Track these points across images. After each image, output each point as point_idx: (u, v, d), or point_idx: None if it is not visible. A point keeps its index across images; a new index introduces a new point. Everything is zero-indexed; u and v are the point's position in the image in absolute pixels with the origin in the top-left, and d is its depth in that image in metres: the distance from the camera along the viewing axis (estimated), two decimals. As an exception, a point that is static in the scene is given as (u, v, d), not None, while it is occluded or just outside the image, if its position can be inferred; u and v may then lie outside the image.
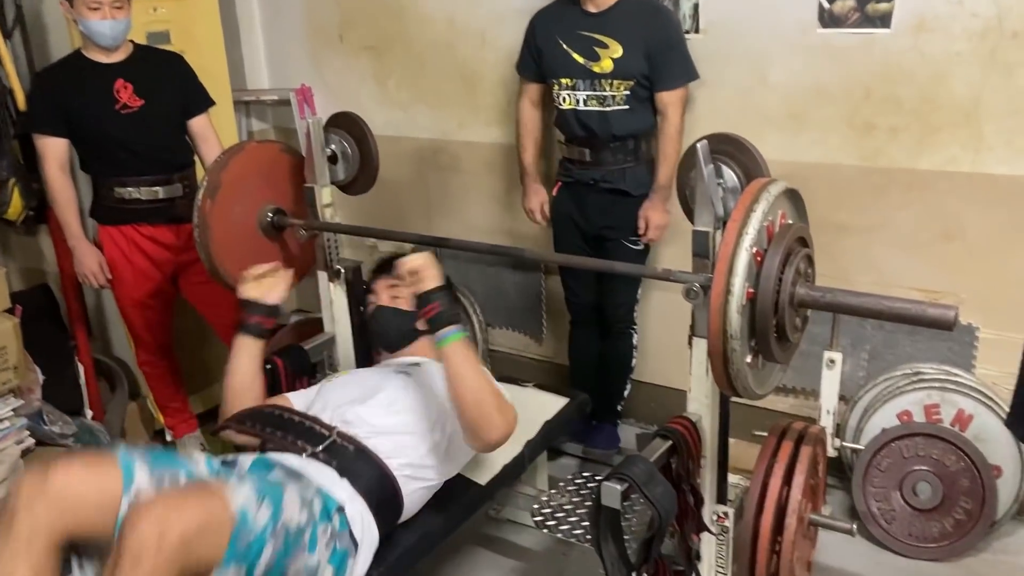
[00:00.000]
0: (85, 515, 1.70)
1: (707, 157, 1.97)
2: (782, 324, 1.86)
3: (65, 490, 1.68)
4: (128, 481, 1.74)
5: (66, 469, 1.70)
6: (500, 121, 3.40)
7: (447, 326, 2.02)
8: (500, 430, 2.01)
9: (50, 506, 1.66)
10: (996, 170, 2.54)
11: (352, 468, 1.98)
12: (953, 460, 2.57)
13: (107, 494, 1.71)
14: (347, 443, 2.03)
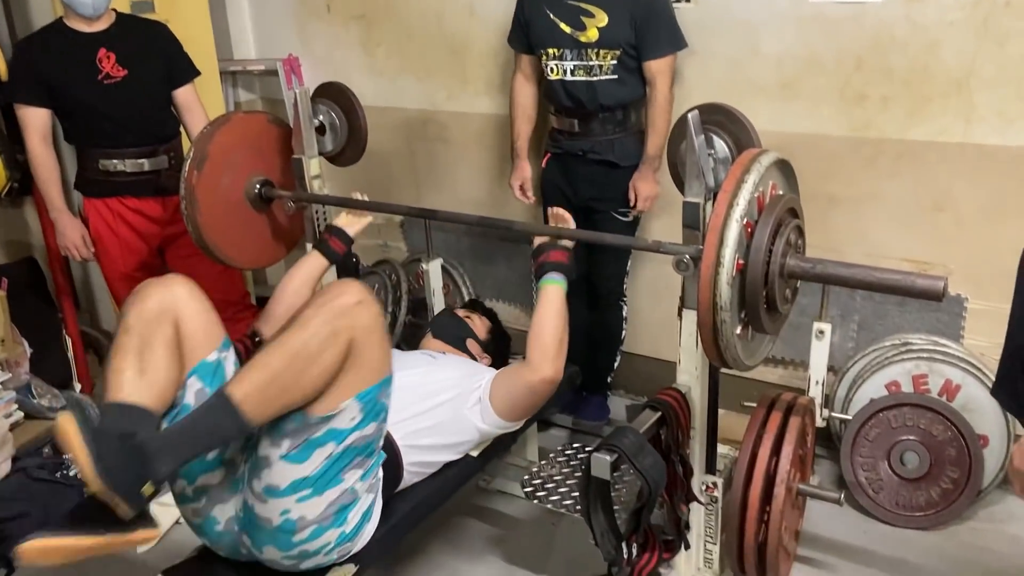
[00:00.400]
0: (193, 329, 1.83)
1: (698, 128, 1.96)
2: (772, 295, 1.86)
3: (189, 298, 1.86)
4: (226, 347, 1.90)
5: (193, 286, 1.89)
6: (489, 92, 3.38)
7: (559, 272, 2.21)
8: (556, 369, 2.15)
9: (173, 296, 1.83)
10: (987, 140, 2.53)
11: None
12: (940, 430, 2.59)
13: (212, 334, 1.87)
14: None
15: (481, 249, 3.60)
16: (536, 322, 2.18)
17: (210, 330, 1.88)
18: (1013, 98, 2.47)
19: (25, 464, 2.82)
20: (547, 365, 2.14)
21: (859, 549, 2.53)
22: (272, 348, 1.66)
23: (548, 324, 2.16)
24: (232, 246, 2.66)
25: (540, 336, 2.15)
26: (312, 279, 2.52)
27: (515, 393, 2.19)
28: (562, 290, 2.19)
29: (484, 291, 3.64)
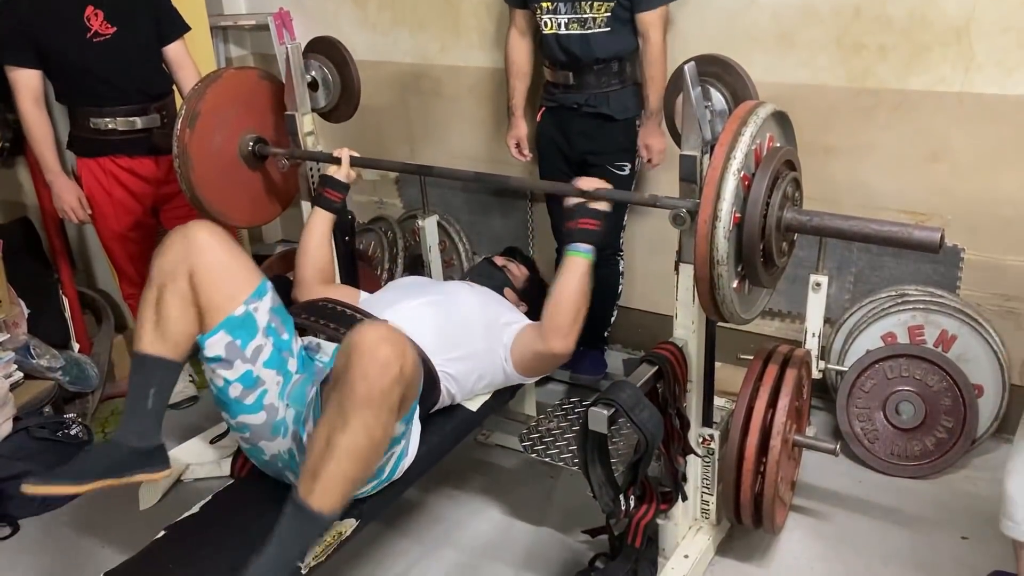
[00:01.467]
0: (210, 280, 1.88)
1: (694, 79, 1.94)
2: (769, 249, 1.86)
3: (205, 248, 1.88)
4: (258, 295, 1.92)
5: (212, 236, 1.91)
6: (483, 45, 3.34)
7: (588, 244, 2.13)
8: (567, 344, 2.15)
9: (188, 248, 1.88)
10: (985, 90, 2.51)
11: None
12: (936, 380, 2.61)
13: (236, 283, 1.90)
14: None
15: (477, 204, 3.59)
16: (555, 294, 2.14)
17: (236, 277, 1.92)
18: (1013, 47, 2.44)
19: (27, 423, 2.84)
20: (558, 340, 2.14)
21: (854, 498, 2.57)
22: (342, 454, 1.64)
23: (566, 300, 2.12)
24: (227, 204, 2.65)
25: (556, 310, 2.14)
26: (324, 235, 2.52)
27: (527, 355, 2.24)
28: (587, 263, 2.13)
29: (481, 246, 3.63)
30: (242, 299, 1.90)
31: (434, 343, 2.15)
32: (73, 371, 3.11)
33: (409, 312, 2.22)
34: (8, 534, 2.64)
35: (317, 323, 2.20)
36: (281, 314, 2.01)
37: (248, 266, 1.97)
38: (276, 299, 1.99)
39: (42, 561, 2.47)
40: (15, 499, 2.70)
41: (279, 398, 1.95)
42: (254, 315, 1.92)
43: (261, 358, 1.92)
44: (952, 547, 2.36)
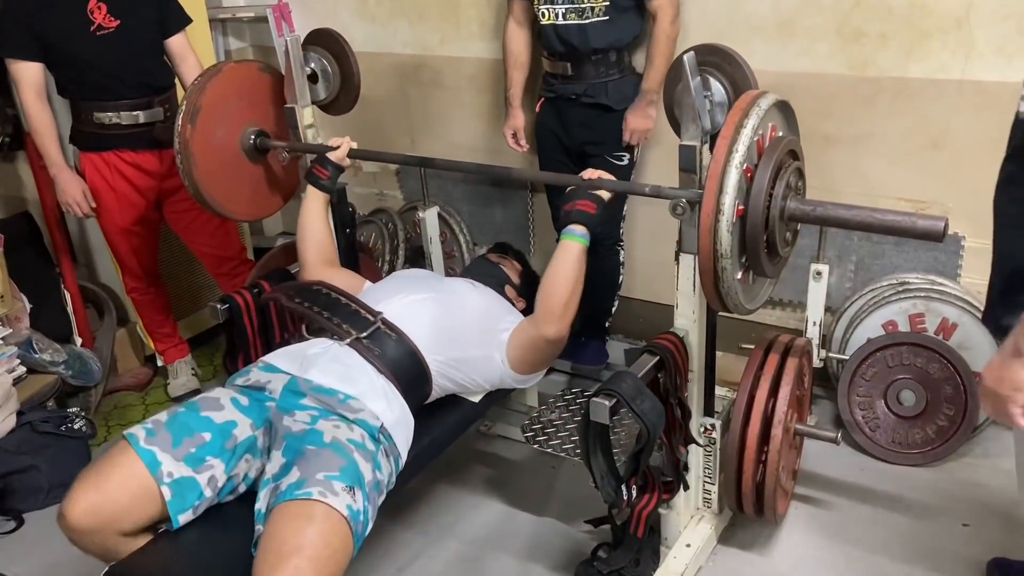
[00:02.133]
0: (129, 516, 1.77)
1: (694, 69, 1.94)
2: (772, 239, 1.86)
3: (92, 516, 1.73)
4: (154, 467, 1.78)
5: (79, 498, 1.74)
6: (483, 35, 3.33)
7: (583, 227, 2.12)
8: (559, 330, 2.13)
9: (92, 534, 1.75)
10: (986, 77, 2.51)
11: (390, 355, 2.08)
12: (937, 368, 2.61)
13: (139, 492, 1.77)
14: (389, 330, 2.12)
15: (478, 195, 3.59)
16: (547, 278, 2.14)
17: (141, 511, 1.80)
18: (1013, 34, 2.44)
19: (30, 418, 2.85)
20: (550, 325, 2.13)
21: (856, 486, 2.57)
22: None
23: (558, 284, 2.11)
24: (230, 199, 2.65)
25: (548, 295, 2.12)
26: (319, 215, 2.52)
27: (522, 346, 2.22)
28: (581, 246, 2.11)
29: (481, 238, 3.63)
30: (152, 485, 1.79)
31: (428, 340, 2.14)
32: (76, 365, 3.12)
33: (406, 308, 2.21)
34: (13, 528, 2.66)
35: (311, 310, 2.19)
36: (184, 427, 1.87)
37: (133, 492, 1.78)
38: (164, 440, 1.83)
39: (47, 555, 2.48)
40: (20, 493, 2.71)
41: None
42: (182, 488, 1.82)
43: (219, 480, 1.87)
44: (953, 534, 2.36)
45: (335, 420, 1.90)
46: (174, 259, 3.51)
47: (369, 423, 1.92)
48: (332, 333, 2.13)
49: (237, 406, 1.95)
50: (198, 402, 1.95)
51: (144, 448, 1.79)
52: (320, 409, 1.93)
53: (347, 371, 2.02)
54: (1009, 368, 1.34)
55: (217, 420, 1.89)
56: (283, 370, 2.03)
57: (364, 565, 2.39)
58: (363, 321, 2.13)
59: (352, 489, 1.73)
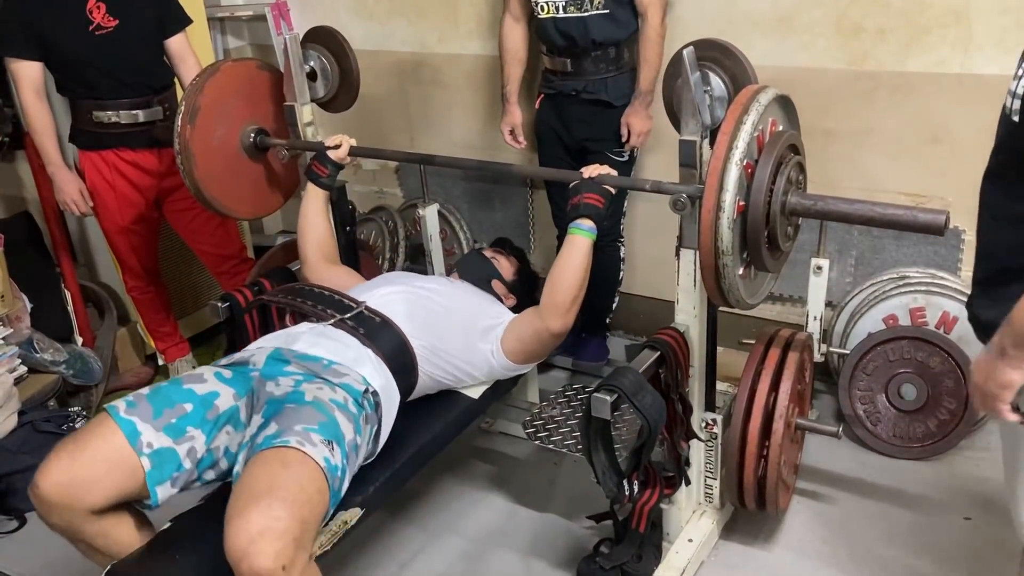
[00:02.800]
0: (103, 489, 1.72)
1: (693, 64, 1.94)
2: (774, 234, 1.86)
3: (63, 486, 1.69)
4: (133, 437, 1.75)
5: (53, 465, 1.71)
6: (481, 33, 3.33)
7: (590, 222, 2.14)
8: (560, 324, 2.16)
9: (61, 508, 1.70)
10: (985, 71, 2.50)
11: (375, 334, 2.09)
12: (938, 362, 2.61)
13: (117, 462, 1.73)
14: (373, 315, 2.14)
15: (478, 193, 3.59)
16: (556, 272, 2.16)
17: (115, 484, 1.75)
18: (1012, 27, 2.43)
19: (31, 417, 2.85)
20: (557, 319, 2.15)
21: (857, 480, 2.58)
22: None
23: (566, 278, 2.14)
24: (230, 197, 2.65)
25: (556, 288, 2.15)
26: (319, 212, 2.53)
27: (524, 337, 2.23)
28: (589, 241, 2.14)
29: (481, 235, 3.63)
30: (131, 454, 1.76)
31: (409, 325, 2.15)
32: (76, 365, 3.12)
33: (384, 298, 2.22)
34: (15, 527, 2.66)
35: (295, 301, 2.22)
36: (164, 398, 1.85)
37: (110, 461, 1.74)
38: (144, 411, 1.81)
39: (49, 554, 2.48)
40: (21, 492, 2.71)
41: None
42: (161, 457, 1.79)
43: (199, 451, 1.84)
44: (954, 528, 2.37)
45: (319, 383, 1.90)
46: (174, 258, 3.51)
47: (353, 387, 1.92)
48: (317, 318, 2.15)
49: (220, 378, 1.95)
50: (181, 377, 1.94)
51: (124, 418, 1.77)
52: (304, 374, 1.94)
53: (332, 343, 2.03)
54: (995, 367, 1.36)
55: (199, 391, 1.88)
56: (268, 346, 2.05)
57: (365, 562, 2.40)
58: (346, 307, 2.16)
59: (331, 443, 1.72)
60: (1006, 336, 1.32)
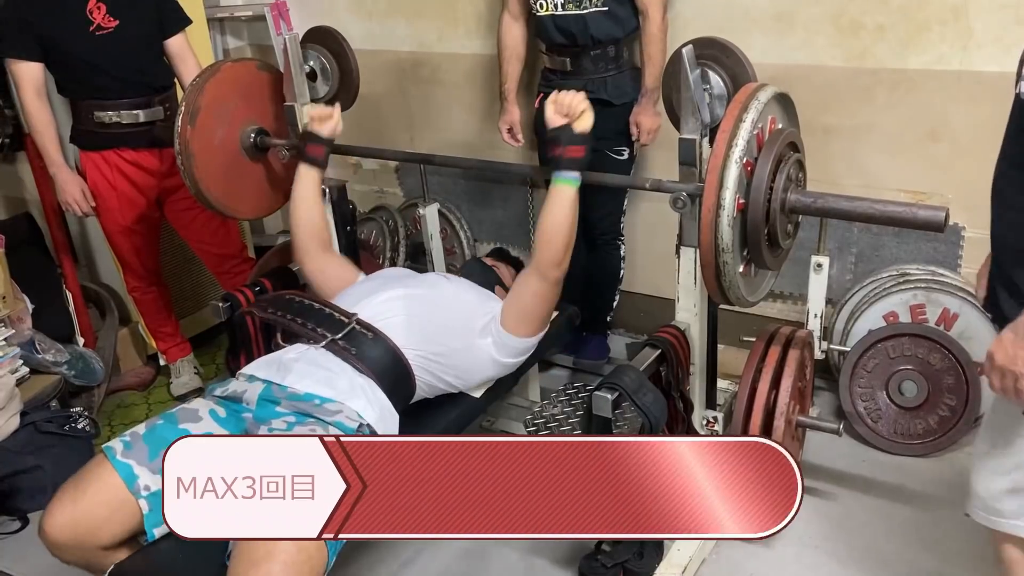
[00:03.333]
0: (108, 530, 1.77)
1: (692, 63, 1.94)
2: (774, 232, 1.87)
3: (70, 530, 1.74)
4: (131, 480, 1.78)
5: (56, 512, 1.75)
6: (480, 32, 3.33)
7: (574, 171, 2.06)
8: (558, 273, 2.11)
9: (72, 548, 1.76)
10: (984, 67, 2.51)
11: (369, 354, 2.05)
12: (938, 359, 2.61)
13: (116, 505, 1.77)
14: (365, 330, 2.09)
15: (478, 192, 3.59)
16: (545, 226, 2.09)
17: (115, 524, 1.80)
18: (1011, 23, 2.44)
19: (33, 418, 2.85)
20: (554, 269, 2.10)
21: (858, 477, 2.58)
22: None
23: (556, 228, 2.07)
24: (231, 198, 2.65)
25: (549, 241, 2.08)
26: (311, 195, 2.45)
27: (526, 304, 2.18)
28: (574, 190, 2.07)
29: (482, 233, 3.64)
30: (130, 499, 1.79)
31: (405, 336, 2.11)
32: (78, 365, 3.12)
33: (380, 306, 2.17)
34: (18, 528, 2.66)
35: (283, 318, 2.16)
36: (161, 438, 1.85)
37: (110, 505, 1.78)
38: (141, 453, 1.82)
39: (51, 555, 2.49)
40: (24, 493, 2.72)
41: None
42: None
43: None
44: (955, 524, 2.37)
45: (312, 424, 1.89)
46: (175, 258, 3.51)
47: (346, 425, 1.90)
48: (307, 338, 2.10)
49: (215, 418, 1.94)
50: (176, 413, 1.93)
51: (121, 461, 1.79)
52: (296, 415, 1.92)
53: (325, 374, 1.99)
54: (1022, 346, 1.34)
55: (194, 432, 1.88)
56: (260, 378, 2.02)
57: (367, 561, 2.40)
58: (337, 323, 2.10)
59: None
60: None
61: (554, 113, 2.08)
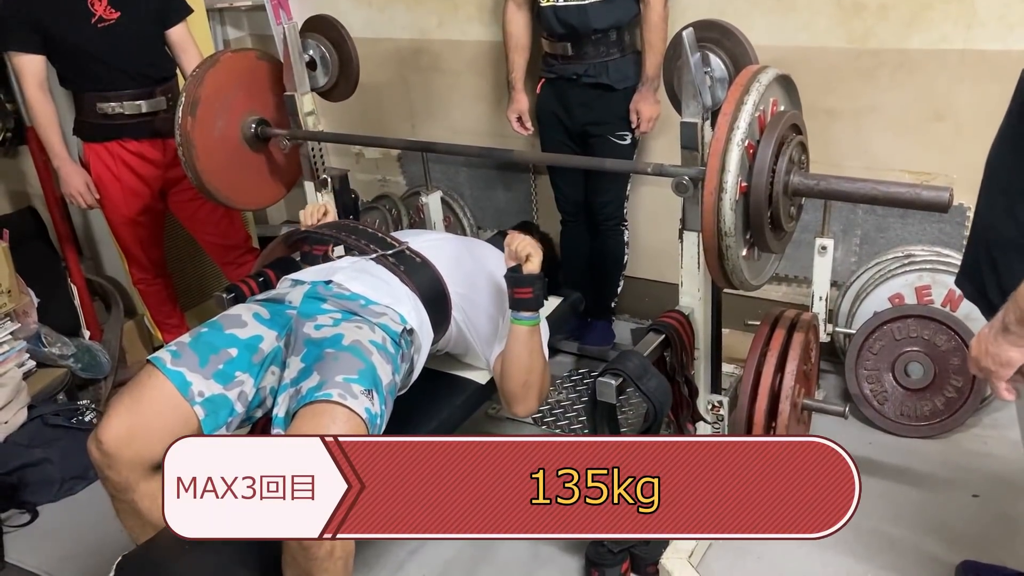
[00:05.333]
0: (162, 440, 1.71)
1: (693, 46, 1.93)
2: (776, 215, 1.86)
3: (126, 440, 1.74)
4: (184, 387, 1.78)
5: (114, 420, 1.75)
6: (480, 18, 3.32)
7: (527, 312, 2.05)
8: (527, 409, 2.12)
9: (123, 462, 1.75)
10: (988, 46, 2.49)
11: (415, 273, 2.10)
12: (944, 340, 2.61)
13: (172, 413, 1.77)
14: (414, 255, 2.15)
15: (480, 179, 3.58)
16: (517, 367, 2.07)
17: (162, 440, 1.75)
18: (1015, 2, 2.42)
19: (41, 411, 2.86)
20: (517, 406, 2.11)
21: (864, 460, 2.58)
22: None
23: (514, 368, 2.07)
24: (233, 188, 2.65)
25: (506, 378, 2.09)
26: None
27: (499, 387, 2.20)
28: (528, 328, 2.05)
29: (485, 221, 3.63)
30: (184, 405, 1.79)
31: (451, 272, 2.15)
32: (84, 358, 3.13)
33: (430, 243, 2.24)
34: (28, 520, 2.68)
35: (338, 235, 2.22)
36: (209, 345, 1.88)
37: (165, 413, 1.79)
38: (192, 360, 1.83)
39: (61, 546, 2.51)
40: (33, 486, 2.73)
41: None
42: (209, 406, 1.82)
43: (248, 394, 1.88)
44: (962, 505, 2.37)
45: (357, 321, 1.91)
46: (180, 249, 3.51)
47: (391, 327, 1.93)
48: (359, 251, 2.15)
49: (260, 320, 1.95)
50: (220, 320, 1.94)
51: (172, 369, 1.79)
52: (342, 311, 1.94)
53: (373, 280, 2.04)
54: (996, 343, 1.35)
55: (242, 336, 1.90)
56: (307, 280, 2.05)
57: (375, 550, 2.41)
58: (389, 244, 2.16)
59: (370, 392, 1.74)
60: (1010, 312, 1.31)
61: (506, 256, 2.08)
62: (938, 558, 2.19)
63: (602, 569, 2.17)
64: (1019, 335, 1.31)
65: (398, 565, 2.36)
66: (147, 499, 1.80)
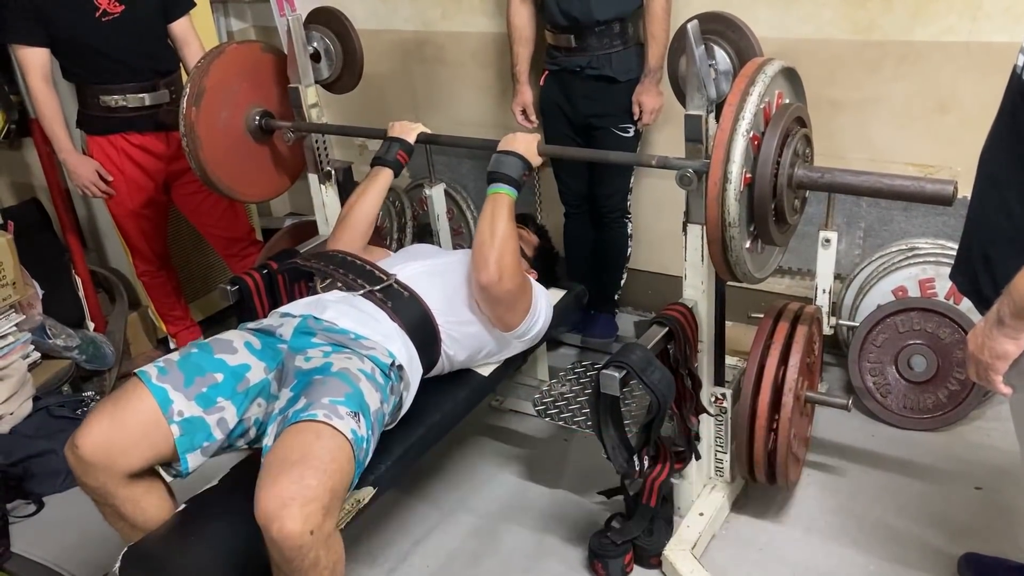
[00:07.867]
0: (138, 452, 1.77)
1: (697, 38, 1.92)
2: (781, 207, 1.86)
3: (103, 448, 1.74)
4: (165, 405, 1.78)
5: (93, 427, 1.75)
6: (484, 9, 3.31)
7: (506, 184, 2.18)
8: (484, 278, 2.07)
9: (98, 470, 1.75)
10: (993, 38, 2.48)
11: (403, 309, 2.11)
12: (947, 332, 2.60)
13: (149, 428, 1.77)
14: (402, 288, 2.15)
15: (484, 171, 3.55)
16: (479, 229, 2.14)
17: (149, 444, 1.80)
18: (1020, -7, 2.41)
19: (46, 403, 2.88)
20: (481, 273, 2.08)
21: (867, 452, 2.58)
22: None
23: (479, 232, 2.12)
24: (237, 180, 2.66)
25: (479, 246, 2.11)
26: (383, 192, 2.48)
27: (481, 303, 2.19)
28: (499, 196, 2.16)
29: (489, 213, 3.62)
30: (162, 422, 1.79)
31: (439, 303, 2.16)
32: (89, 350, 3.14)
33: (417, 271, 2.23)
34: (33, 511, 2.69)
35: (326, 267, 2.22)
36: (195, 367, 1.88)
37: (144, 426, 1.78)
38: (176, 378, 1.83)
39: (66, 537, 2.52)
40: (38, 477, 2.74)
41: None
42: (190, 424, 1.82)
43: (229, 422, 1.87)
44: (965, 498, 2.37)
45: (347, 353, 1.92)
46: (184, 242, 3.52)
47: (380, 360, 1.93)
48: (347, 286, 2.15)
49: (251, 349, 1.95)
50: (211, 343, 1.95)
51: (156, 385, 1.80)
52: (332, 345, 1.95)
53: (362, 316, 2.05)
54: (991, 337, 1.35)
55: (230, 362, 1.90)
56: (296, 314, 2.06)
57: (380, 540, 2.42)
58: (377, 278, 2.17)
59: (357, 415, 1.74)
60: (1005, 305, 1.32)
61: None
62: (941, 550, 2.19)
63: (605, 560, 2.18)
64: (1014, 328, 1.31)
65: (402, 556, 2.37)
66: (128, 504, 1.82)
